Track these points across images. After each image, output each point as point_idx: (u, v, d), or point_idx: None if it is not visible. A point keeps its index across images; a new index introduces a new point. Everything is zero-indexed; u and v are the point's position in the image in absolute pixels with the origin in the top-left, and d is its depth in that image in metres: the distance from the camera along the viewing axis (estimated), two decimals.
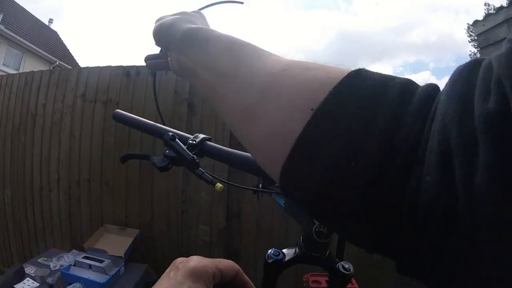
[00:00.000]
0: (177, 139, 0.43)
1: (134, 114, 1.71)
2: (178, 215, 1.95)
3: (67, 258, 1.86)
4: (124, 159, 0.55)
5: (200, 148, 0.44)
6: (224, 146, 0.46)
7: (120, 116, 0.54)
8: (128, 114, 0.55)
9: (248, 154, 0.44)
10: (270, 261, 0.45)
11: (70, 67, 7.79)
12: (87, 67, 2.27)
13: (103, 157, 2.08)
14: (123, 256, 1.76)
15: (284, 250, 0.46)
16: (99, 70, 2.20)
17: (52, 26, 12.37)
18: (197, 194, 1.90)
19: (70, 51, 12.22)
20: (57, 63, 10.09)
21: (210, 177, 0.45)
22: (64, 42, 12.33)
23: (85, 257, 1.72)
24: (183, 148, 0.42)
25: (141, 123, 0.52)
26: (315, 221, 0.42)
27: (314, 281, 0.66)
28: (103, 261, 1.68)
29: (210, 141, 0.47)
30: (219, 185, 0.46)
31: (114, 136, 2.04)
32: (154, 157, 0.45)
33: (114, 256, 1.74)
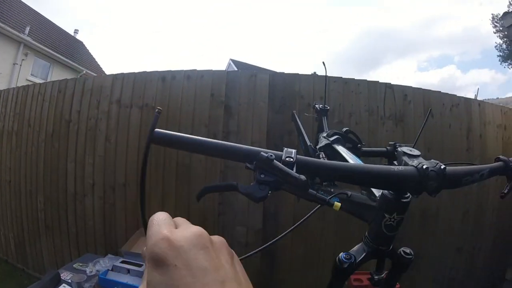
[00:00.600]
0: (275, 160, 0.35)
1: (170, 118, 1.70)
2: (215, 217, 1.93)
3: (104, 263, 1.82)
4: (201, 195, 0.43)
5: (296, 165, 0.37)
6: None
7: (163, 138, 0.38)
8: (178, 133, 0.39)
9: (342, 163, 0.42)
10: (345, 266, 0.44)
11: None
12: (122, 73, 2.31)
13: (139, 161, 2.09)
14: None
15: (353, 251, 0.46)
16: (134, 76, 2.24)
17: (78, 37, 12.79)
18: (234, 195, 1.88)
19: (96, 60, 12.57)
20: (84, 72, 10.37)
21: (325, 196, 0.40)
22: (90, 51, 12.70)
23: (122, 262, 1.69)
24: (289, 170, 0.35)
25: (209, 144, 0.39)
26: (385, 214, 0.42)
27: (356, 279, 0.64)
28: (142, 265, 1.65)
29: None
30: (337, 204, 0.40)
31: None
32: (244, 186, 0.37)
33: None
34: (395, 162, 0.47)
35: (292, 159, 0.37)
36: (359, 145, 0.95)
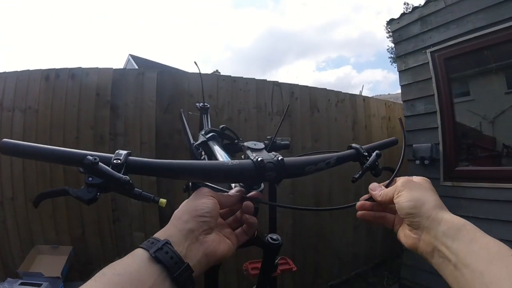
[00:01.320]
0: (100, 162, 0.37)
1: (55, 121, 1.61)
2: (110, 225, 1.88)
3: None
4: (37, 202, 0.43)
5: (125, 167, 0.39)
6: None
7: (11, 148, 0.37)
8: (22, 142, 0.38)
9: (176, 161, 0.42)
10: None
11: None
12: (4, 72, 2.08)
13: (25, 172, 1.92)
14: (60, 276, 1.71)
15: None
16: (17, 75, 2.03)
17: None
18: (127, 200, 1.85)
19: None
20: None
21: (150, 194, 0.42)
22: None
23: (21, 284, 1.66)
24: (112, 171, 0.36)
25: (45, 151, 0.38)
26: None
27: (253, 268, 0.70)
28: (41, 284, 1.64)
29: (131, 155, 0.42)
30: (163, 200, 0.42)
31: None
32: (75, 190, 0.38)
33: (51, 277, 1.69)
34: (242, 156, 0.50)
35: (119, 161, 0.38)
36: (236, 140, 0.99)
